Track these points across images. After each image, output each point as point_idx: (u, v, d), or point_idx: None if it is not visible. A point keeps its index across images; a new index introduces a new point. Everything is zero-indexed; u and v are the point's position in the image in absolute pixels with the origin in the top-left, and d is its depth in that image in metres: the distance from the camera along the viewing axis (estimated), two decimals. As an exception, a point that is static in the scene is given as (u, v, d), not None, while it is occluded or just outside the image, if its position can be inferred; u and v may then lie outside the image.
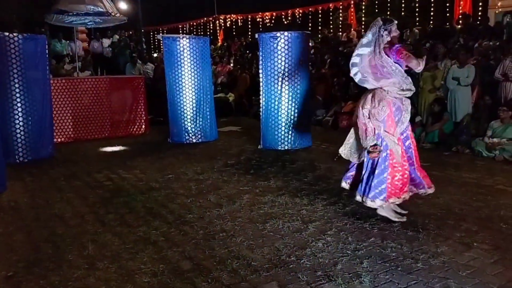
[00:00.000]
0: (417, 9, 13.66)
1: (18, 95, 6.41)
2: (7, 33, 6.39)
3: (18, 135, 6.45)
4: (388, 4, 14.63)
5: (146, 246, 3.46)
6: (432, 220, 3.91)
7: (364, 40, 3.81)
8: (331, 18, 16.51)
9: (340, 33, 14.75)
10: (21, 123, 6.46)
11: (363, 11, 15.39)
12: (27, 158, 6.53)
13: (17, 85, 6.38)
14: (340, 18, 16.04)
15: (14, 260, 3.28)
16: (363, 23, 15.28)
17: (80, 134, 8.45)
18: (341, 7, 15.97)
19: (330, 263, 3.12)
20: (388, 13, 14.48)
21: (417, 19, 13.38)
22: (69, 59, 12.49)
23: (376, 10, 15.06)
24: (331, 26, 15.93)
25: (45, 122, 6.77)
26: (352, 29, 14.61)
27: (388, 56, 3.71)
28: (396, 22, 3.84)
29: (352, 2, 15.61)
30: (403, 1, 14.12)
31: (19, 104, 6.43)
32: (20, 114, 6.44)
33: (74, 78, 9.63)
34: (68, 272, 3.06)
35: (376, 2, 14.90)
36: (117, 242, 3.55)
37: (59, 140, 7.98)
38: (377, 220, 3.89)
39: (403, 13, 14.25)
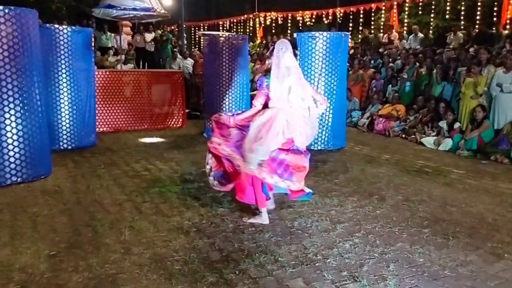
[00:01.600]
0: (462, 12, 13.22)
1: (65, 85, 6.70)
2: (57, 26, 6.74)
3: (63, 124, 6.76)
4: (433, 6, 14.23)
5: (178, 235, 3.61)
6: (464, 228, 3.86)
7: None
8: (372, 18, 16.24)
9: (381, 34, 14.53)
10: (66, 112, 6.76)
11: (406, 12, 15.07)
12: (70, 145, 6.84)
13: (64, 76, 6.68)
14: (382, 19, 15.75)
15: (56, 240, 3.50)
16: (405, 24, 14.97)
17: (121, 125, 8.78)
18: (383, 7, 15.69)
19: (356, 264, 3.16)
20: (432, 15, 14.11)
21: (462, 22, 12.96)
22: (113, 51, 12.91)
23: (420, 12, 14.71)
24: (372, 27, 15.68)
25: (88, 112, 7.06)
26: (394, 31, 14.36)
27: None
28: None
29: (395, 3, 15.30)
30: (448, 4, 13.70)
31: (65, 94, 6.72)
32: (66, 103, 6.74)
33: (117, 70, 9.99)
34: (106, 255, 3.24)
35: (420, 4, 14.52)
36: (152, 230, 3.72)
37: (101, 129, 8.32)
38: (407, 225, 3.89)
39: (447, 16, 13.84)
